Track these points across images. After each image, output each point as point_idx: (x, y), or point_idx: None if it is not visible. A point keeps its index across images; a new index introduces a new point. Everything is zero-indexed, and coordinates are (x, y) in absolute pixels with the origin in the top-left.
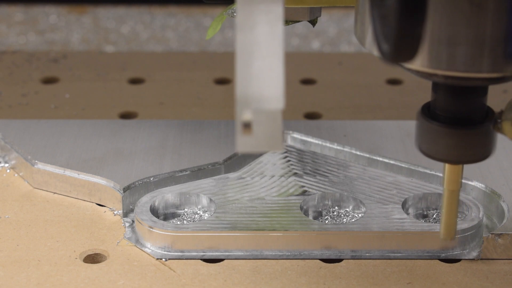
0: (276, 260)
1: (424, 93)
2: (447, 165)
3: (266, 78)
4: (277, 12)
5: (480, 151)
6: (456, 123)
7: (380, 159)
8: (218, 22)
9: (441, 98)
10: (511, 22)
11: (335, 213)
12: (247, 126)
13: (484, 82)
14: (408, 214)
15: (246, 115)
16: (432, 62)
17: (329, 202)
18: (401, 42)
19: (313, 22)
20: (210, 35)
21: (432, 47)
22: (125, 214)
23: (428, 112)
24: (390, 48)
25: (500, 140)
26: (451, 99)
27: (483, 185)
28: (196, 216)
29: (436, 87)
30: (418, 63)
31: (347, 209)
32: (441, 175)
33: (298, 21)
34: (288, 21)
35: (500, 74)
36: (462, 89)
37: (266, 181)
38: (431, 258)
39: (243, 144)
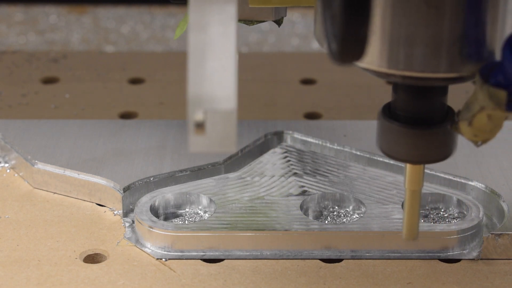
0: (276, 260)
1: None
2: (408, 165)
3: (218, 78)
4: (230, 12)
5: (441, 151)
6: (416, 123)
7: (380, 159)
8: (185, 22)
9: (401, 98)
10: (468, 23)
11: (335, 213)
12: (199, 126)
13: (442, 82)
14: None
15: (198, 115)
16: (389, 62)
17: (329, 202)
18: (346, 42)
19: (278, 22)
20: (177, 35)
21: (389, 48)
22: (125, 214)
23: (388, 112)
24: (337, 48)
25: (500, 140)
26: (410, 99)
27: (483, 185)
28: (196, 216)
29: (396, 87)
30: (376, 64)
31: (347, 209)
32: (441, 175)
33: (263, 21)
34: (253, 21)
35: (457, 74)
36: (421, 89)
37: (266, 181)
38: (431, 258)
39: (195, 144)
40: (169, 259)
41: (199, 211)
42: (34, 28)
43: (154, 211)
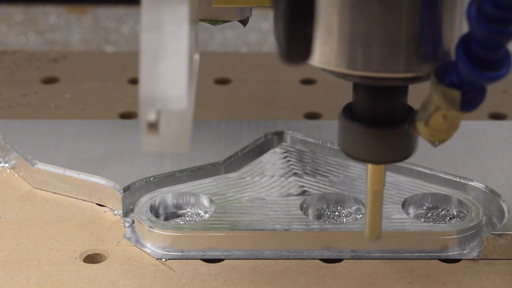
0: (276, 260)
1: (424, 94)
2: (369, 165)
3: (171, 78)
4: (183, 12)
5: (402, 151)
6: (377, 123)
7: None
8: None
9: (361, 98)
10: (423, 22)
11: (335, 213)
12: (152, 126)
13: (399, 82)
14: (408, 214)
15: (151, 115)
16: (346, 62)
17: (329, 202)
18: (291, 42)
19: (243, 22)
20: None
21: (345, 48)
22: (125, 214)
23: (349, 112)
24: (283, 47)
25: (500, 140)
26: (370, 99)
27: (483, 185)
28: (196, 216)
29: (356, 87)
30: (333, 64)
31: (347, 209)
32: (441, 175)
33: (228, 21)
34: (218, 21)
35: (414, 74)
36: (381, 89)
37: (266, 181)
38: (431, 258)
39: (148, 144)
40: (169, 259)
41: (199, 211)
42: (34, 28)
43: (154, 211)
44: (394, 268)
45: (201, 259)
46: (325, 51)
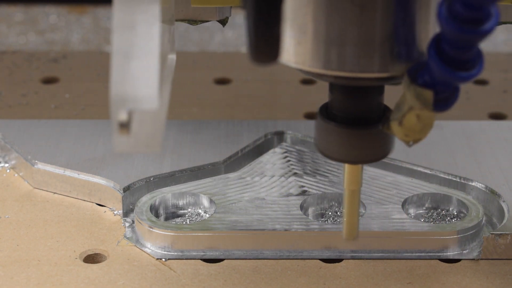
0: (276, 260)
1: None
2: (346, 165)
3: (141, 78)
4: (154, 12)
5: (378, 151)
6: (353, 123)
7: None
8: None
9: (337, 98)
10: (396, 22)
11: (335, 213)
12: (123, 126)
13: (374, 82)
14: (408, 214)
15: (122, 115)
16: (320, 62)
17: (329, 202)
18: (258, 42)
19: (223, 22)
20: None
21: (319, 48)
22: (125, 214)
23: (326, 112)
24: (250, 47)
25: (500, 140)
26: (346, 99)
27: (483, 185)
28: (196, 216)
29: (331, 87)
30: (308, 64)
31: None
32: (441, 175)
33: (207, 21)
34: (196, 21)
35: (388, 74)
36: (356, 89)
37: (266, 181)
38: (431, 258)
39: (120, 144)
40: (169, 259)
41: (199, 211)
42: (34, 28)
43: (154, 211)
44: (394, 268)
45: (201, 259)
46: (299, 51)
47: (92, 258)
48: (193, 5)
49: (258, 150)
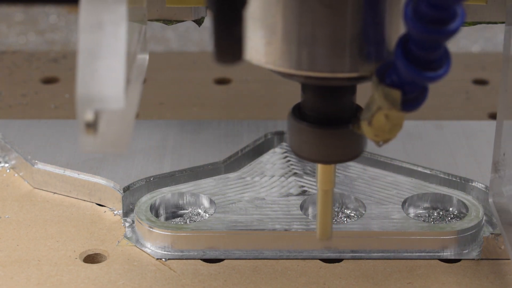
0: (276, 260)
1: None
2: (319, 165)
3: (107, 78)
4: (121, 12)
5: (350, 150)
6: (325, 123)
7: (380, 159)
8: None
9: (309, 98)
10: (365, 22)
11: (335, 213)
12: (89, 126)
13: (344, 82)
14: (408, 214)
15: (88, 115)
16: (290, 63)
17: None
18: (219, 42)
19: (198, 22)
20: None
21: (289, 48)
22: (125, 214)
23: (298, 112)
24: (213, 48)
25: None
26: (317, 99)
27: (483, 185)
28: (196, 216)
29: (303, 87)
30: (278, 64)
31: (347, 209)
32: (441, 175)
33: (183, 21)
34: (172, 21)
35: (358, 74)
36: (327, 89)
37: (266, 181)
38: (431, 258)
39: (86, 144)
40: (169, 259)
41: (199, 211)
42: (34, 28)
43: (154, 211)
44: (394, 268)
45: (201, 259)
46: (269, 51)
47: (92, 258)
48: (168, 5)
49: (258, 150)
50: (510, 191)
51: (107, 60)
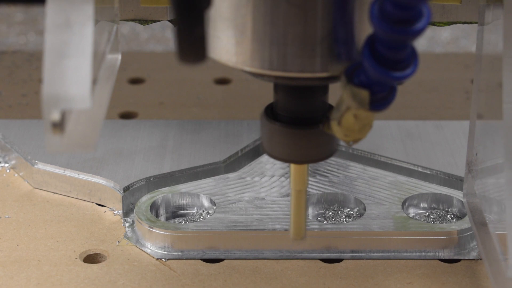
0: (276, 260)
1: (425, 93)
2: (292, 165)
3: (73, 77)
4: (87, 12)
5: (323, 150)
6: (297, 123)
7: (380, 159)
8: None
9: (281, 98)
10: (333, 23)
11: (335, 213)
12: (55, 126)
13: (315, 82)
14: (408, 214)
15: (54, 115)
16: (260, 62)
17: (329, 202)
18: (182, 42)
19: (173, 22)
20: None
21: (258, 48)
22: (125, 214)
23: (271, 112)
24: (176, 48)
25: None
26: (289, 99)
27: None
28: (196, 216)
29: (275, 87)
30: (248, 64)
31: (347, 209)
32: (441, 175)
33: (158, 21)
34: (147, 21)
35: (328, 73)
36: (299, 89)
37: (266, 181)
38: (431, 258)
39: (53, 144)
40: (169, 259)
41: (199, 211)
42: (34, 28)
43: (154, 211)
44: (394, 268)
45: (201, 259)
46: (239, 52)
47: (92, 258)
48: (142, 5)
49: (258, 150)
50: (482, 191)
51: (73, 59)
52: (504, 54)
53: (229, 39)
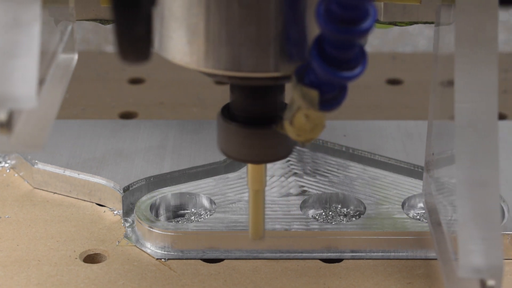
0: (276, 260)
1: (425, 93)
2: (249, 165)
3: (20, 77)
4: (35, 11)
5: (280, 150)
6: (253, 123)
7: (380, 159)
8: None
9: (236, 98)
10: (285, 23)
11: (335, 213)
12: (2, 126)
13: (268, 82)
14: (408, 214)
15: (1, 115)
16: (211, 62)
17: (329, 202)
18: (121, 41)
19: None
20: None
21: (209, 48)
22: (125, 214)
23: (227, 113)
24: (116, 47)
25: (501, 140)
26: (244, 99)
27: None
28: (196, 216)
29: (231, 87)
30: (201, 64)
31: (347, 209)
32: None
33: None
34: (109, 21)
35: (280, 73)
36: (254, 89)
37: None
38: (431, 258)
39: (0, 144)
40: (169, 259)
41: (199, 211)
42: None
43: (154, 211)
44: (394, 268)
45: (201, 259)
46: (192, 51)
47: (92, 258)
48: (102, 5)
49: None
50: (438, 191)
51: (19, 59)
52: (456, 54)
53: (181, 39)
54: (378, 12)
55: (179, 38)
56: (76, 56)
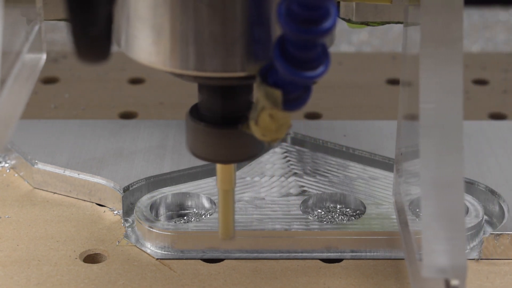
0: (276, 260)
1: None
2: (218, 165)
3: None
4: None
5: (248, 150)
6: (221, 123)
7: (380, 159)
8: None
9: (204, 97)
10: (250, 23)
11: (335, 213)
12: None
13: (234, 81)
14: (408, 214)
15: None
16: (177, 62)
17: (329, 202)
18: (76, 42)
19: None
20: None
21: (174, 47)
22: (125, 214)
23: (196, 112)
24: (72, 47)
25: (500, 140)
26: (212, 99)
27: (483, 185)
28: (196, 216)
29: (198, 87)
30: (168, 64)
31: (347, 209)
32: None
33: None
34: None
35: (245, 73)
36: (222, 88)
37: (266, 181)
38: None
39: None
40: (169, 259)
41: (199, 211)
42: None
43: (154, 211)
44: (394, 268)
45: (201, 259)
46: (156, 51)
47: (92, 258)
48: None
49: None
50: (406, 191)
51: None
52: (421, 54)
53: (146, 39)
54: (343, 12)
55: (145, 38)
56: (44, 56)
